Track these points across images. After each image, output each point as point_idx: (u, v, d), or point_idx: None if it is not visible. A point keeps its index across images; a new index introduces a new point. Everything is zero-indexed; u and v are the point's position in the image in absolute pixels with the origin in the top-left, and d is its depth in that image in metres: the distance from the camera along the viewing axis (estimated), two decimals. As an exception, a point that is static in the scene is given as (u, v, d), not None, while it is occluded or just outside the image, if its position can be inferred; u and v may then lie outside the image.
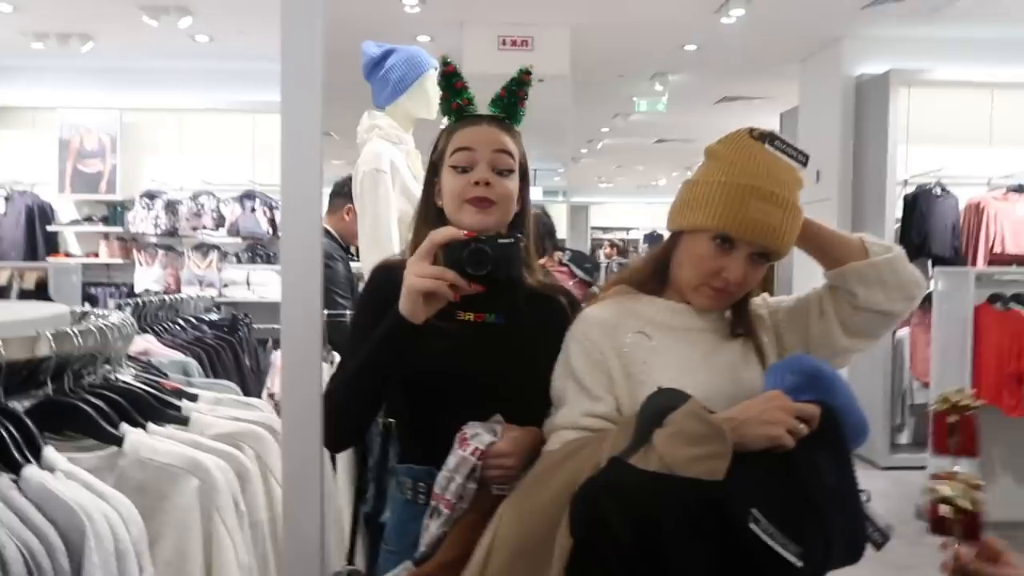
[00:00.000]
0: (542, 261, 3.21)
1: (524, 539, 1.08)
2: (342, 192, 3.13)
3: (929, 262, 5.11)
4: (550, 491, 1.06)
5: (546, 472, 1.14)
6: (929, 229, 5.10)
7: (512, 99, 1.43)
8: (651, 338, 1.23)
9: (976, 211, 5.13)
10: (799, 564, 0.89)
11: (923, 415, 4.70)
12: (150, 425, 1.06)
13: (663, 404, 1.03)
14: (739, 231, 1.19)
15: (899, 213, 5.20)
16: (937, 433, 0.98)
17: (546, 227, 3.50)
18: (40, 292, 3.85)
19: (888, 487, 4.67)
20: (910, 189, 5.23)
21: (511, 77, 1.44)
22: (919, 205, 5.13)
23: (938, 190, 5.14)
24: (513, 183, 1.40)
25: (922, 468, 4.40)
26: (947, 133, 5.25)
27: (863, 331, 1.29)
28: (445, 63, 1.43)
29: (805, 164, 1.25)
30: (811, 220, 1.29)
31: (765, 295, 1.38)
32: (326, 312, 2.31)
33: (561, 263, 3.40)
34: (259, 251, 5.77)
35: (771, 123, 7.55)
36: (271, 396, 2.89)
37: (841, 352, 1.30)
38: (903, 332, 5.19)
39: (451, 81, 1.43)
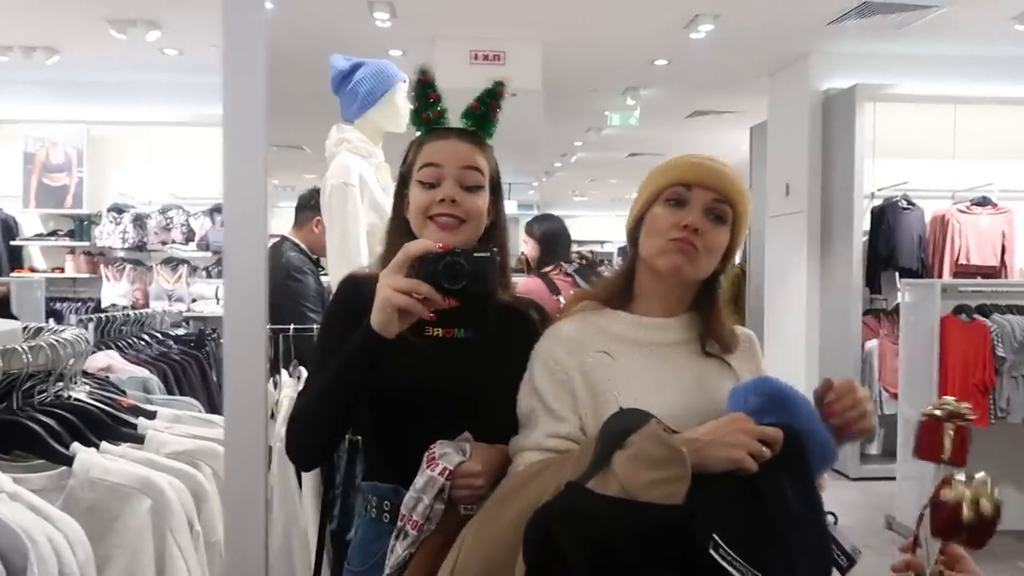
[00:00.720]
0: (548, 270, 3.21)
1: (486, 563, 1.05)
2: (309, 205, 3.11)
3: (896, 274, 5.18)
4: (511, 514, 1.04)
5: (508, 495, 1.12)
6: (896, 242, 5.17)
7: (484, 111, 1.42)
8: (613, 357, 1.22)
9: (941, 224, 5.22)
10: None
11: (892, 425, 4.74)
12: (103, 444, 1.03)
13: (624, 425, 1.01)
14: (687, 176, 1.22)
15: (867, 226, 5.28)
16: (928, 440, 0.96)
17: (545, 237, 3.53)
18: (2, 307, 3.77)
19: (858, 498, 4.71)
20: (877, 202, 5.31)
21: (485, 89, 1.43)
22: (886, 218, 5.21)
23: (904, 203, 5.22)
24: (482, 199, 1.39)
25: (891, 479, 4.44)
26: (912, 147, 5.34)
27: None
28: (423, 72, 1.41)
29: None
30: None
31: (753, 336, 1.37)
32: (294, 327, 2.28)
33: (566, 273, 3.40)
34: (229, 265, 5.69)
35: (741, 137, 7.66)
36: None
37: None
38: (872, 343, 5.25)
39: (425, 91, 1.41)
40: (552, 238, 3.57)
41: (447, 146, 1.37)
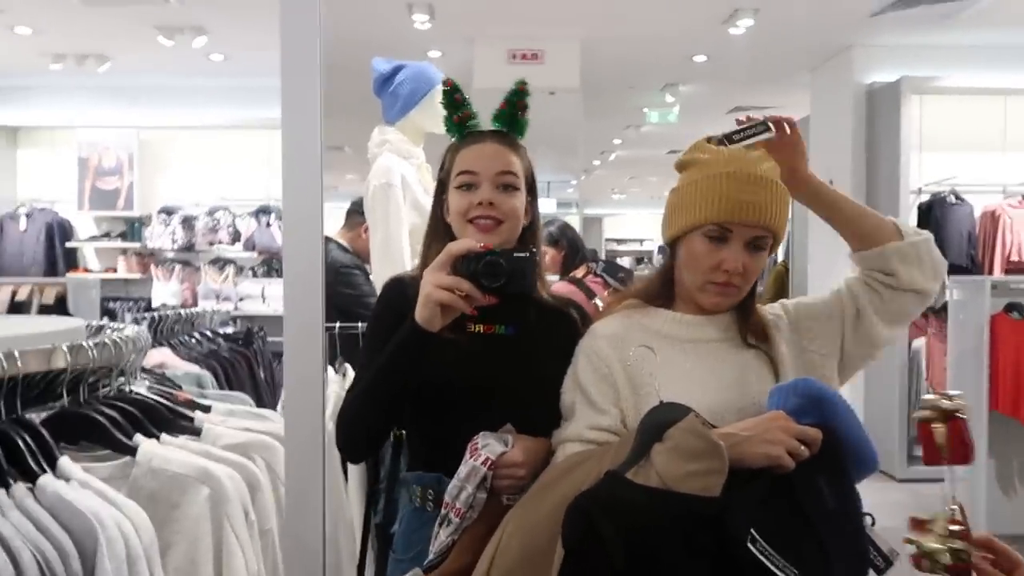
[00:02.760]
0: (579, 273, 3.24)
1: (526, 549, 1.08)
2: (359, 210, 3.16)
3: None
4: (552, 502, 1.07)
5: (549, 483, 1.15)
6: (944, 238, 5.06)
7: (512, 111, 1.45)
8: (655, 352, 1.24)
9: (992, 219, 5.09)
10: None
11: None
12: (163, 436, 1.08)
13: (663, 418, 1.03)
14: (727, 215, 1.20)
15: (914, 222, 5.17)
16: (925, 442, 0.94)
17: (572, 242, 3.52)
18: (60, 307, 3.91)
19: (905, 499, 4.62)
20: (924, 197, 5.20)
21: (510, 90, 1.46)
22: (934, 214, 5.10)
23: (952, 198, 5.11)
24: (519, 199, 1.42)
25: (940, 480, 4.35)
26: (960, 140, 5.22)
27: (901, 315, 1.29)
28: (445, 80, 1.46)
29: (768, 128, 1.22)
30: (827, 186, 1.30)
31: (783, 301, 1.38)
32: (340, 324, 2.33)
33: (595, 274, 3.41)
34: (274, 265, 5.82)
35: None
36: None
37: (879, 346, 1.31)
38: (919, 342, 5.14)
39: (452, 97, 1.45)
40: (576, 243, 3.57)
41: (482, 150, 1.41)
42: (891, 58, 5.45)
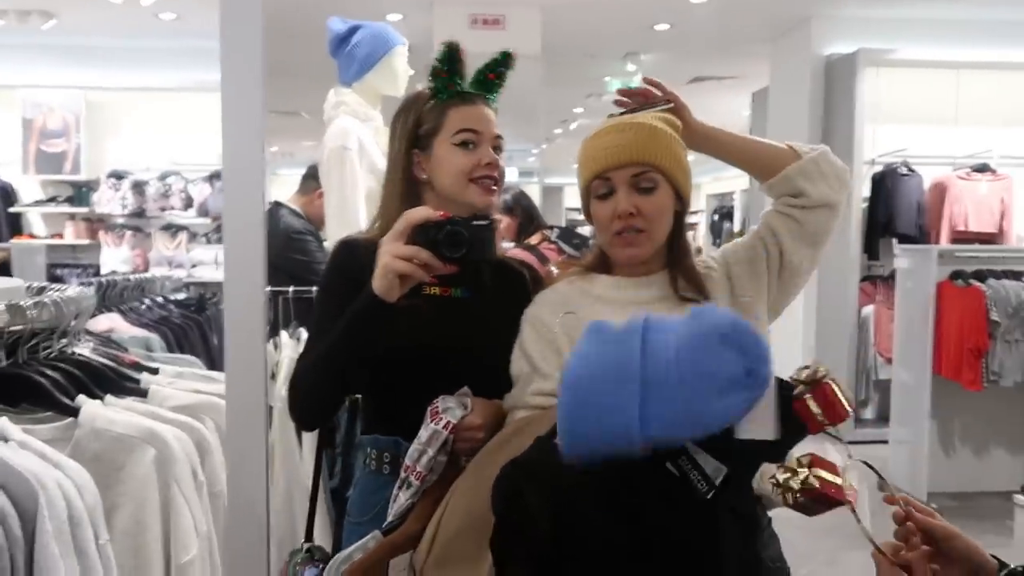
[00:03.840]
0: (534, 240, 3.24)
1: (470, 514, 1.10)
2: (314, 175, 3.11)
3: (895, 240, 5.20)
4: (492, 468, 1.08)
5: (495, 448, 1.17)
6: (895, 208, 5.17)
7: (500, 82, 1.45)
8: (579, 315, 1.25)
9: (940, 190, 5.21)
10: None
11: (886, 390, 4.80)
12: (108, 397, 1.06)
13: None
14: (601, 164, 1.24)
15: (867, 191, 5.27)
16: (805, 417, 0.92)
17: (527, 210, 3.52)
18: (3, 272, 3.79)
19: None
20: (877, 168, 5.30)
21: (495, 59, 1.44)
22: (885, 184, 5.20)
23: (904, 169, 5.21)
24: (503, 163, 1.43)
25: (885, 442, 4.51)
26: (913, 113, 5.31)
27: (817, 232, 1.32)
28: (452, 43, 1.43)
29: (669, 102, 1.32)
30: (719, 130, 1.35)
31: (719, 250, 1.40)
32: (293, 289, 2.30)
33: (550, 240, 3.41)
34: (229, 232, 5.70)
35: (743, 103, 7.60)
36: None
37: (804, 274, 1.34)
38: (868, 309, 5.28)
39: (453, 57, 1.42)
40: (531, 210, 3.58)
41: (479, 112, 1.41)
42: (849, 30, 5.50)
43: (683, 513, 0.89)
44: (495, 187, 1.38)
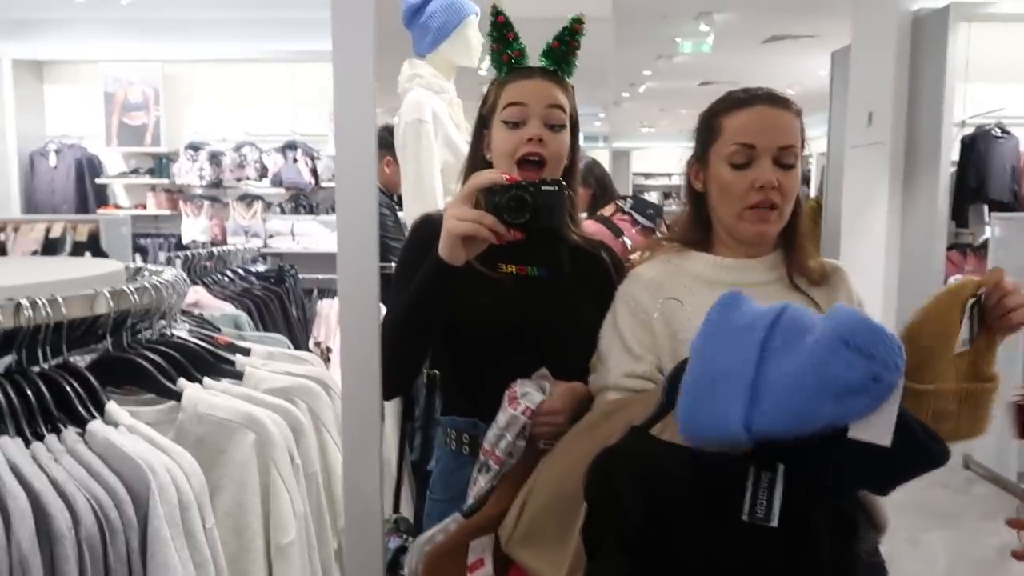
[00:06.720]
0: (607, 211, 3.19)
1: (556, 495, 1.09)
2: (383, 143, 3.12)
3: (986, 207, 4.94)
4: (582, 450, 1.07)
5: (583, 431, 1.15)
6: (987, 172, 4.91)
7: (564, 50, 1.40)
8: (683, 302, 1.21)
9: (1038, 153, 4.92)
10: None
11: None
12: (206, 380, 1.08)
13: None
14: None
15: (956, 156, 5.01)
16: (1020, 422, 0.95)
17: (600, 179, 3.46)
18: (92, 244, 3.94)
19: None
20: (968, 130, 5.02)
21: (563, 27, 1.41)
22: (977, 147, 4.93)
23: (998, 131, 4.93)
24: (565, 138, 1.39)
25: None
26: (1009, 71, 5.00)
27: None
28: (496, 13, 1.40)
29: None
30: None
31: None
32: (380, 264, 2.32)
33: (623, 211, 3.35)
34: (302, 201, 5.81)
35: (821, 62, 7.28)
36: (317, 344, 2.95)
37: None
38: (955, 279, 5.05)
39: (503, 32, 1.40)
40: (604, 181, 3.50)
41: (531, 85, 1.37)
42: (939, -18, 5.19)
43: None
44: (541, 169, 1.34)
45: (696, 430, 0.87)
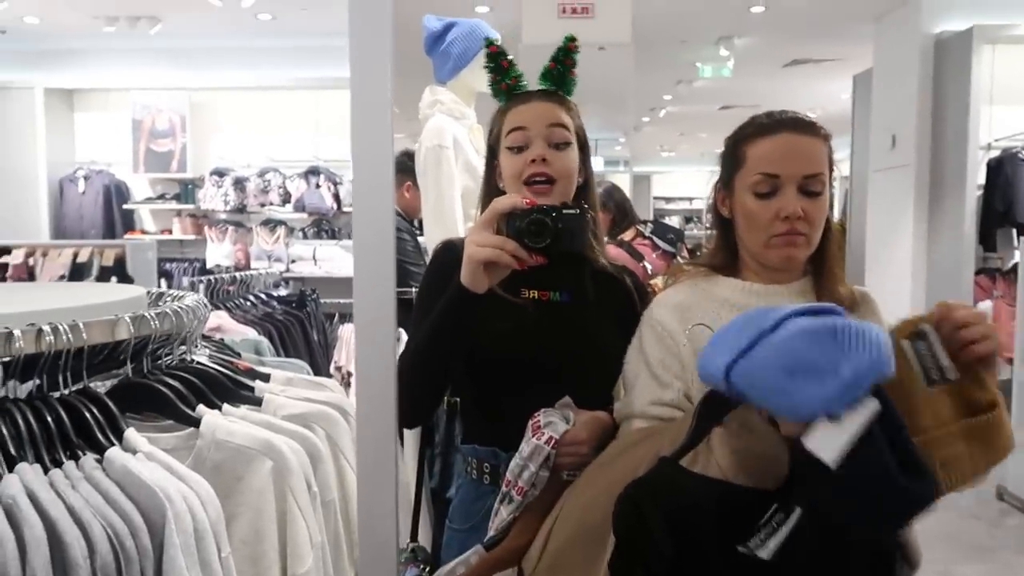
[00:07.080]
0: (627, 236, 3.18)
1: (581, 526, 1.07)
2: (403, 168, 3.14)
3: (1014, 231, 4.86)
4: (608, 480, 1.04)
5: (607, 462, 1.13)
6: (1014, 196, 4.84)
7: (561, 70, 1.41)
8: (712, 329, 1.19)
9: (1067, 176, 4.84)
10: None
11: (1007, 392, 4.49)
12: (225, 406, 1.08)
13: (723, 399, 0.97)
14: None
15: (982, 179, 4.95)
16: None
17: (620, 204, 3.45)
18: (119, 268, 3.99)
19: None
20: (994, 153, 4.96)
21: (558, 47, 1.42)
22: (1004, 170, 4.87)
23: (1025, 154, 4.87)
24: (571, 155, 1.38)
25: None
26: (1035, 93, 4.95)
27: None
28: (489, 43, 1.42)
29: None
30: None
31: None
32: (404, 289, 2.32)
33: (643, 235, 3.34)
34: (324, 226, 5.86)
35: (843, 86, 7.25)
36: (338, 369, 2.95)
37: None
38: (985, 305, 4.96)
39: (498, 61, 1.41)
40: (624, 205, 3.49)
41: (530, 108, 1.37)
42: (962, 5, 5.16)
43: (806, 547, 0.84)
44: (550, 187, 1.33)
45: (700, 367, 0.95)
